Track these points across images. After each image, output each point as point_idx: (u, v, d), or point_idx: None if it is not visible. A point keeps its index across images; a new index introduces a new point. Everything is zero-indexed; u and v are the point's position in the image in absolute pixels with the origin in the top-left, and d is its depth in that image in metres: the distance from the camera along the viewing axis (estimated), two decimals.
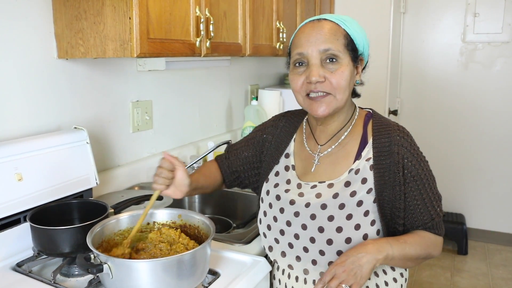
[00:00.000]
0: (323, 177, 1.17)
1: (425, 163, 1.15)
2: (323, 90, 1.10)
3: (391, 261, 1.08)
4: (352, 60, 1.12)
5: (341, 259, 1.04)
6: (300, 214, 1.14)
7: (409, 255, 1.10)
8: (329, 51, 1.09)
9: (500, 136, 3.63)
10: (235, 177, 1.37)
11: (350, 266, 1.02)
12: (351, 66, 1.12)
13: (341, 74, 1.09)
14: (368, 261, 1.03)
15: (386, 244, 1.07)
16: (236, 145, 1.39)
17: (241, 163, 1.35)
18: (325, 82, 1.09)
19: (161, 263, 0.97)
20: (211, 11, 1.60)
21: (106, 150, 1.72)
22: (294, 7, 2.45)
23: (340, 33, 1.10)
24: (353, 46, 1.12)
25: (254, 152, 1.34)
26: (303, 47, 1.11)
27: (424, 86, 3.80)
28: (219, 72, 2.43)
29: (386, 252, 1.05)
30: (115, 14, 1.29)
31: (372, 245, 1.05)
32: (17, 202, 1.23)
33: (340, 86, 1.10)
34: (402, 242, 1.09)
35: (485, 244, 3.75)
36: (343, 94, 1.11)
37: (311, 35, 1.11)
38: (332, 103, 1.11)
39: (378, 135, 1.15)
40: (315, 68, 1.09)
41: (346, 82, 1.10)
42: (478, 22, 3.54)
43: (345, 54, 1.10)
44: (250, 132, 1.41)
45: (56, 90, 1.49)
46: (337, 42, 1.09)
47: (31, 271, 1.18)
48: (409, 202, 1.12)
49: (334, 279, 1.01)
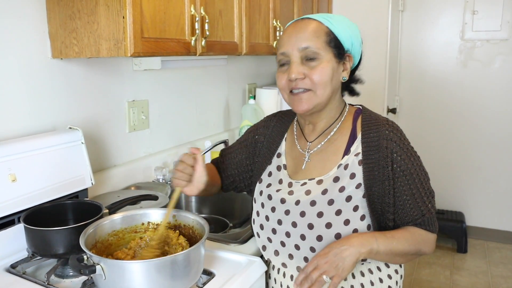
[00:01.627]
0: (313, 174, 1.17)
1: (416, 158, 1.14)
2: (303, 87, 1.12)
3: (376, 255, 1.07)
4: (335, 56, 1.12)
5: (324, 250, 1.05)
6: (290, 212, 1.14)
7: (396, 250, 1.09)
8: (308, 49, 1.10)
9: (499, 134, 3.62)
10: (230, 181, 1.37)
11: (332, 258, 1.02)
12: (333, 63, 1.12)
13: (321, 70, 1.10)
14: (350, 253, 1.03)
15: (371, 238, 1.06)
16: (229, 148, 1.39)
17: (235, 167, 1.35)
18: (305, 78, 1.11)
19: (154, 264, 0.96)
20: (206, 9, 1.59)
21: (102, 150, 1.71)
22: (291, 5, 2.44)
23: (322, 31, 1.11)
24: (337, 43, 1.12)
25: (247, 155, 1.34)
26: (285, 46, 1.13)
27: (423, 84, 3.79)
28: (216, 71, 2.43)
29: (371, 246, 1.05)
30: (108, 13, 1.28)
31: (356, 238, 1.06)
32: (11, 203, 1.23)
33: (320, 82, 1.11)
34: (389, 237, 1.09)
35: (484, 242, 3.75)
36: (324, 90, 1.12)
37: (291, 34, 1.13)
38: (312, 99, 1.12)
39: (367, 129, 1.15)
40: (294, 65, 1.11)
41: (327, 77, 1.11)
42: (477, 19, 3.53)
43: (326, 51, 1.11)
44: (242, 135, 1.41)
45: (51, 90, 1.48)
46: (317, 40, 1.10)
47: (25, 272, 1.17)
48: (398, 197, 1.11)
49: (315, 270, 1.02)
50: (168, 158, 2.02)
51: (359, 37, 1.18)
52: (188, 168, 1.10)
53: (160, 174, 1.89)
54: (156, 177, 1.90)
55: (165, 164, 1.98)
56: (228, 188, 1.39)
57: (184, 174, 1.10)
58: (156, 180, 1.90)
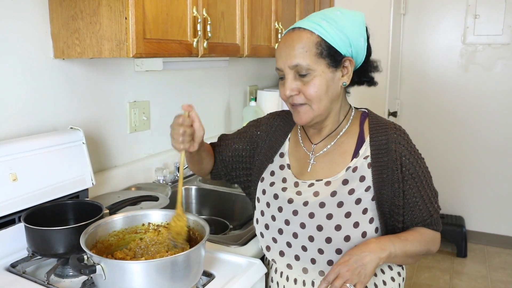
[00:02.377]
0: (320, 176, 1.17)
1: (422, 160, 1.16)
2: (299, 102, 1.12)
3: (393, 259, 1.08)
4: (330, 66, 1.10)
5: (345, 258, 1.04)
6: (298, 213, 1.14)
7: (410, 252, 1.11)
8: (297, 67, 1.09)
9: (500, 139, 3.62)
10: (222, 166, 1.34)
11: (354, 265, 1.02)
12: (327, 74, 1.10)
13: (313, 85, 1.09)
14: (371, 260, 1.03)
15: (388, 242, 1.07)
16: (228, 135, 1.38)
17: (230, 155, 1.33)
18: (300, 94, 1.11)
19: (155, 264, 0.96)
20: (209, 11, 1.60)
21: (103, 151, 1.72)
22: (293, 7, 2.44)
23: (311, 43, 1.08)
24: (331, 51, 1.09)
25: (245, 146, 1.33)
26: (278, 62, 1.13)
27: (424, 87, 3.79)
28: (218, 73, 2.43)
29: (389, 251, 1.06)
30: (111, 14, 1.28)
31: (374, 243, 1.06)
32: (12, 203, 1.23)
33: (314, 96, 1.10)
34: (403, 239, 1.10)
35: (484, 246, 3.74)
36: (319, 104, 1.11)
37: (282, 50, 1.12)
38: (309, 113, 1.13)
39: (375, 133, 1.15)
40: (288, 83, 1.11)
41: (320, 91, 1.10)
42: (479, 23, 3.53)
43: (318, 63, 1.08)
44: (243, 126, 1.40)
45: (53, 90, 1.48)
46: (306, 55, 1.08)
47: (25, 271, 1.17)
48: (408, 200, 1.12)
49: (338, 278, 1.01)
50: (169, 159, 2.02)
51: (363, 29, 1.13)
52: (188, 129, 1.10)
53: (160, 175, 1.90)
54: (157, 178, 1.90)
55: (166, 165, 1.98)
56: (218, 173, 1.36)
57: (186, 137, 1.10)
58: (156, 181, 1.90)
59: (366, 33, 1.14)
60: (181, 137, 1.10)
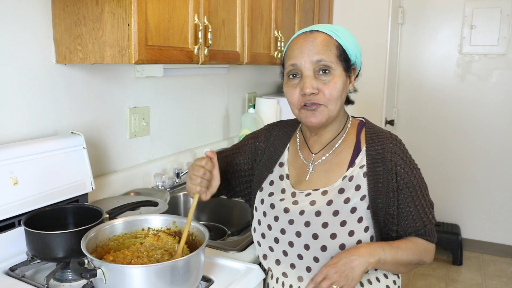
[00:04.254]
0: (317, 185, 1.17)
1: (417, 171, 1.16)
2: (317, 102, 1.11)
3: (383, 265, 1.09)
4: (344, 70, 1.13)
5: (334, 260, 1.06)
6: (294, 222, 1.14)
7: (401, 260, 1.11)
8: (321, 62, 1.10)
9: (496, 148, 3.65)
10: (224, 185, 1.34)
11: (342, 268, 1.03)
12: (343, 77, 1.13)
13: (334, 85, 1.11)
14: (360, 263, 1.04)
15: (379, 248, 1.08)
16: (226, 152, 1.38)
17: (232, 171, 1.34)
18: (319, 93, 1.11)
19: (155, 269, 0.97)
20: (210, 19, 1.62)
21: (103, 156, 1.72)
22: (292, 16, 2.47)
23: (332, 44, 1.11)
24: (346, 56, 1.13)
25: (245, 160, 1.33)
26: (297, 58, 1.12)
27: (421, 96, 3.82)
28: (217, 80, 2.44)
29: (379, 256, 1.07)
30: (114, 20, 1.30)
31: (365, 248, 1.07)
32: (12, 206, 1.23)
33: (333, 97, 1.11)
34: (395, 247, 1.11)
35: (479, 254, 3.75)
36: (335, 105, 1.13)
37: (304, 46, 1.12)
38: (325, 113, 1.13)
39: (372, 142, 1.16)
40: (308, 80, 1.10)
41: (338, 93, 1.12)
42: (475, 34, 3.57)
43: (337, 64, 1.11)
44: (239, 141, 1.40)
45: (54, 95, 1.49)
46: (330, 53, 1.10)
47: (24, 275, 1.17)
48: (402, 209, 1.13)
49: (325, 279, 1.03)
50: (168, 165, 2.02)
51: (359, 47, 1.19)
52: (208, 174, 1.10)
53: (159, 181, 1.90)
54: (156, 183, 1.91)
55: (165, 171, 1.99)
56: (220, 192, 1.35)
57: (204, 180, 1.10)
58: (155, 187, 1.90)
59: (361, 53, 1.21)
60: (199, 178, 1.10)
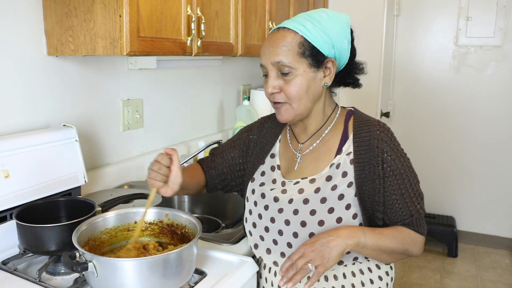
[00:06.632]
0: (306, 174, 1.18)
1: (406, 160, 1.16)
2: (280, 100, 1.15)
3: (362, 249, 1.08)
4: (311, 66, 1.12)
5: (312, 239, 1.06)
6: (283, 210, 1.15)
7: (384, 246, 1.11)
8: (280, 63, 1.11)
9: (491, 140, 3.66)
10: (220, 180, 1.36)
11: (319, 247, 1.03)
12: (309, 73, 1.12)
13: (294, 84, 1.12)
14: (337, 244, 1.04)
15: (359, 231, 1.08)
16: (221, 148, 1.39)
17: (227, 165, 1.35)
18: (281, 92, 1.14)
19: (147, 262, 0.96)
20: (203, 10, 1.60)
21: (96, 148, 1.71)
22: (287, 7, 2.45)
23: (294, 42, 1.10)
24: (313, 51, 1.11)
25: (240, 153, 1.35)
26: (262, 59, 1.16)
27: (417, 88, 3.82)
28: (211, 72, 2.43)
29: (358, 239, 1.06)
30: (105, 11, 1.28)
31: (345, 230, 1.07)
32: (4, 199, 1.23)
33: (294, 95, 1.12)
34: (377, 233, 1.11)
35: (474, 246, 3.78)
36: (299, 103, 1.14)
37: (266, 47, 1.15)
38: (289, 111, 1.15)
39: (359, 130, 1.17)
40: (271, 80, 1.14)
41: (301, 91, 1.12)
42: (471, 26, 3.57)
43: (299, 63, 1.10)
44: (235, 134, 1.41)
45: (46, 87, 1.48)
46: (289, 53, 1.10)
47: (16, 269, 1.17)
48: (387, 197, 1.13)
49: (301, 257, 1.03)
50: None
51: (347, 31, 1.14)
52: (163, 168, 1.09)
53: None
54: None
55: None
56: (215, 188, 1.37)
57: (159, 174, 1.09)
58: None
59: (350, 36, 1.16)
60: (154, 173, 1.09)
